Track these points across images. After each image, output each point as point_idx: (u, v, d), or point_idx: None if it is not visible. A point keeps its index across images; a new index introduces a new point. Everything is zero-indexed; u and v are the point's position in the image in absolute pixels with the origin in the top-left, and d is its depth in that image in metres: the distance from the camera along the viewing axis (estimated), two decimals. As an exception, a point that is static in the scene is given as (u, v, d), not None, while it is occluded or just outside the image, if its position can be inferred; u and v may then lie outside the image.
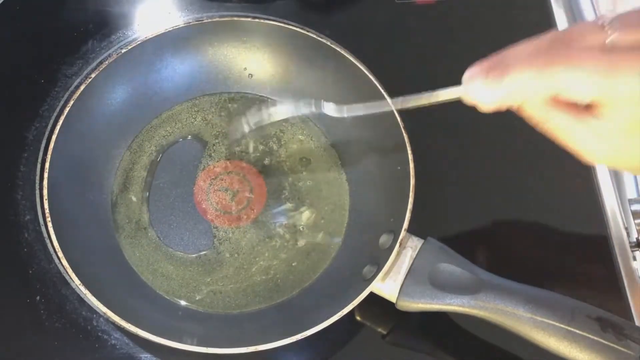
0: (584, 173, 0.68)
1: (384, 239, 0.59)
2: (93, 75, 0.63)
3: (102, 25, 0.73)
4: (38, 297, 0.60)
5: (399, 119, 0.60)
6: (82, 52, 0.71)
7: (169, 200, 0.65)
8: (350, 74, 0.64)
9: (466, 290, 0.54)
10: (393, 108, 0.56)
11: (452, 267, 0.56)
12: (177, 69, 0.68)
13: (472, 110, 0.71)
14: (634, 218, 0.67)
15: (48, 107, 0.69)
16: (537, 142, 0.69)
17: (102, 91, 0.64)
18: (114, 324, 0.59)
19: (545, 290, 0.55)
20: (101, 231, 0.62)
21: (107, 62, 0.64)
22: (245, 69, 0.69)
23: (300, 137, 0.68)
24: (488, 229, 0.65)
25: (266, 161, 0.67)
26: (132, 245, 0.63)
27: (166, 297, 0.61)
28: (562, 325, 0.52)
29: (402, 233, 0.56)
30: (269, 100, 0.69)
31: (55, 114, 0.68)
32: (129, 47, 0.64)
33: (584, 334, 0.51)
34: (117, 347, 0.59)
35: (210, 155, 0.67)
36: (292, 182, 0.66)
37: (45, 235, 0.63)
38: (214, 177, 0.66)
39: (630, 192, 0.72)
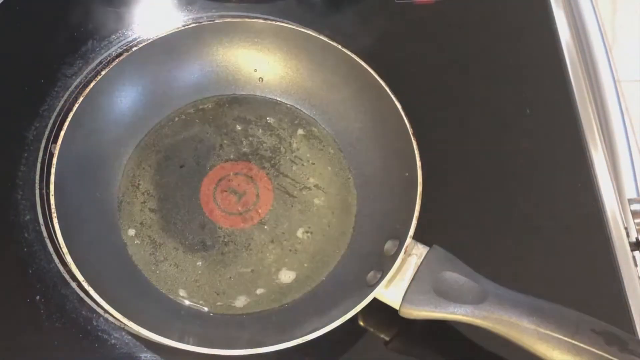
0: (583, 173, 0.68)
1: (389, 245, 0.59)
2: (103, 73, 0.63)
3: (102, 25, 0.73)
4: (38, 297, 0.60)
5: (408, 125, 0.60)
6: (82, 52, 0.71)
7: (175, 199, 0.65)
8: (360, 78, 0.64)
9: (470, 300, 0.54)
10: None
11: (457, 276, 0.55)
12: (187, 69, 0.68)
13: (480, 119, 0.72)
14: (634, 218, 0.67)
15: (48, 107, 0.68)
16: (540, 149, 0.70)
17: (111, 89, 0.64)
18: (115, 322, 0.59)
19: (550, 302, 0.54)
20: (106, 229, 0.62)
21: (118, 60, 0.63)
22: (255, 70, 0.69)
23: (309, 141, 0.68)
24: (493, 236, 0.65)
25: (274, 164, 0.66)
26: (136, 243, 0.63)
27: (169, 296, 0.61)
28: (566, 339, 0.51)
29: (408, 240, 0.56)
30: (278, 102, 0.69)
31: (55, 114, 0.68)
32: (140, 46, 0.64)
33: (588, 347, 0.51)
34: (117, 346, 0.59)
35: (218, 156, 0.67)
36: (300, 185, 0.66)
37: (45, 235, 0.63)
38: (221, 177, 0.66)
39: (630, 192, 0.72)
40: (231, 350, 0.54)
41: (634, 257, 0.65)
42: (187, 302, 0.60)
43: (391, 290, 0.56)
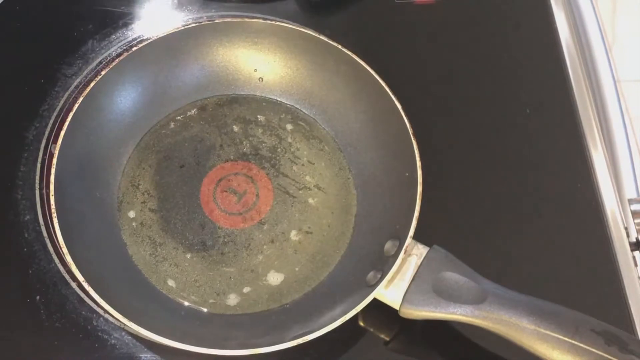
0: (583, 173, 0.68)
1: (389, 245, 0.59)
2: (103, 73, 0.63)
3: (102, 25, 0.73)
4: (38, 297, 0.60)
5: (408, 125, 0.60)
6: (82, 52, 0.71)
7: (175, 199, 0.64)
8: (360, 78, 0.64)
9: (470, 300, 0.54)
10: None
11: (457, 276, 0.55)
12: (187, 69, 0.68)
13: (480, 119, 0.72)
14: (634, 218, 0.67)
15: (48, 107, 0.68)
16: (540, 149, 0.70)
17: (111, 89, 0.64)
18: (115, 322, 0.59)
19: (550, 303, 0.54)
20: (106, 229, 0.62)
21: (118, 60, 0.63)
22: (255, 70, 0.69)
23: (309, 141, 0.68)
24: (493, 236, 0.65)
25: (274, 164, 0.66)
26: (136, 243, 0.63)
27: (169, 296, 0.61)
28: (566, 339, 0.51)
29: (408, 240, 0.56)
30: (278, 102, 0.69)
31: (55, 114, 0.68)
32: (140, 46, 0.64)
33: (588, 347, 0.51)
34: (117, 347, 0.59)
35: (218, 156, 0.67)
36: (299, 185, 0.66)
37: (45, 235, 0.63)
38: (221, 177, 0.66)
39: (630, 192, 0.72)
40: (231, 350, 0.54)
41: (634, 257, 0.65)
42: (186, 303, 0.60)
43: (391, 290, 0.56)
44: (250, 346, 0.53)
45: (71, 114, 0.60)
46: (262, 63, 0.69)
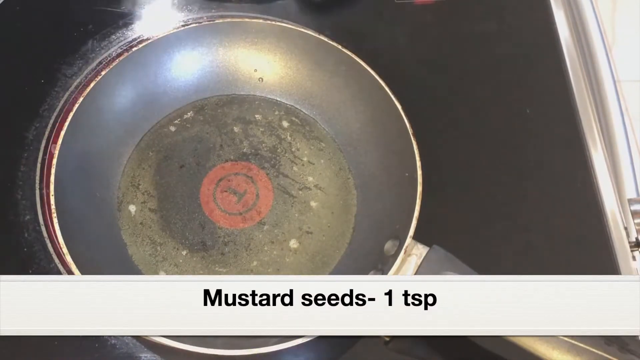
0: (583, 173, 0.68)
1: (389, 245, 0.59)
2: (103, 73, 0.63)
3: (102, 25, 0.73)
4: (38, 297, 0.60)
5: (408, 125, 0.60)
6: (82, 52, 0.71)
7: (175, 199, 0.64)
8: (360, 78, 0.64)
9: (470, 300, 0.54)
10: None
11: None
12: (187, 69, 0.68)
13: (479, 119, 0.72)
14: (634, 218, 0.67)
15: (48, 107, 0.68)
16: (540, 149, 0.70)
17: (111, 89, 0.64)
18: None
19: None
20: (106, 228, 0.62)
21: (118, 60, 0.63)
22: (255, 70, 0.69)
23: (309, 141, 0.68)
24: (493, 236, 0.65)
25: (274, 164, 0.66)
26: (136, 243, 0.62)
27: (169, 297, 0.61)
28: (565, 339, 0.51)
29: (408, 240, 0.56)
30: (278, 102, 0.69)
31: (55, 114, 0.68)
32: (140, 46, 0.64)
33: (588, 347, 0.51)
34: (117, 346, 0.59)
35: (218, 156, 0.67)
36: (300, 185, 0.66)
37: (45, 235, 0.63)
38: (221, 177, 0.66)
39: (630, 192, 0.72)
40: (231, 350, 0.54)
41: (634, 257, 0.65)
42: (186, 302, 0.60)
43: (391, 291, 0.56)
44: (250, 346, 0.53)
45: (71, 114, 0.60)
46: (262, 63, 0.69)
